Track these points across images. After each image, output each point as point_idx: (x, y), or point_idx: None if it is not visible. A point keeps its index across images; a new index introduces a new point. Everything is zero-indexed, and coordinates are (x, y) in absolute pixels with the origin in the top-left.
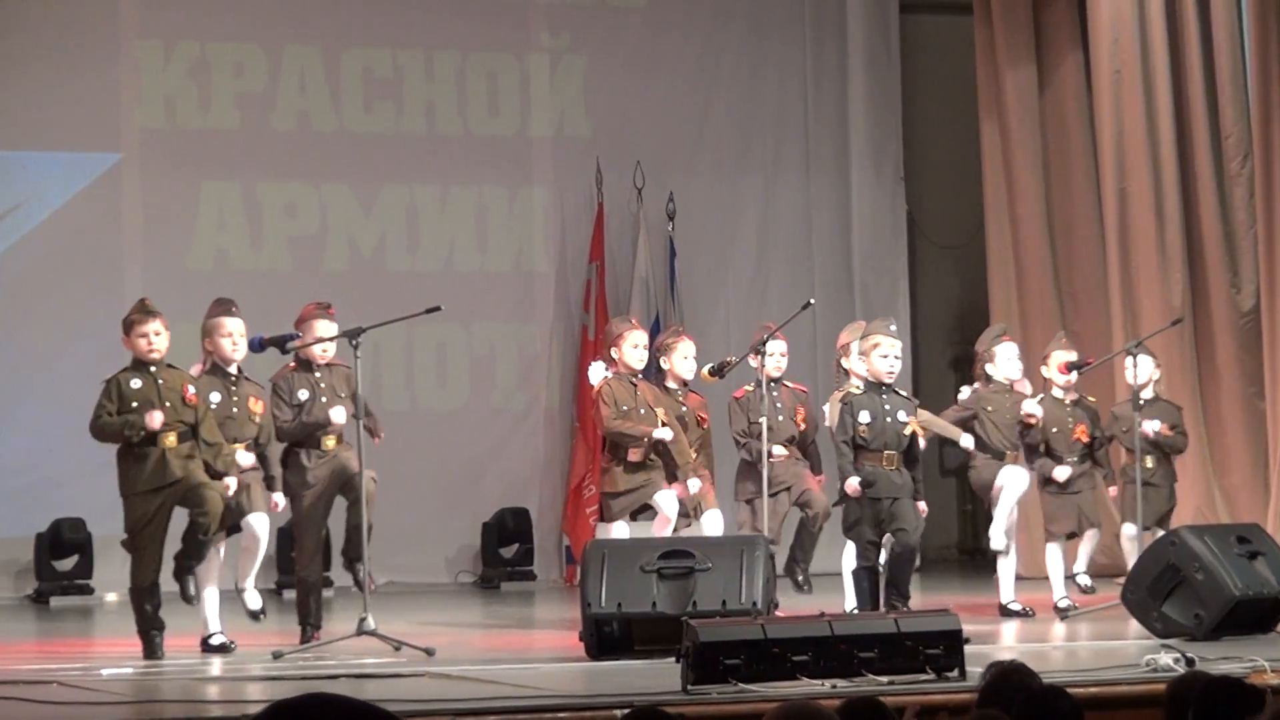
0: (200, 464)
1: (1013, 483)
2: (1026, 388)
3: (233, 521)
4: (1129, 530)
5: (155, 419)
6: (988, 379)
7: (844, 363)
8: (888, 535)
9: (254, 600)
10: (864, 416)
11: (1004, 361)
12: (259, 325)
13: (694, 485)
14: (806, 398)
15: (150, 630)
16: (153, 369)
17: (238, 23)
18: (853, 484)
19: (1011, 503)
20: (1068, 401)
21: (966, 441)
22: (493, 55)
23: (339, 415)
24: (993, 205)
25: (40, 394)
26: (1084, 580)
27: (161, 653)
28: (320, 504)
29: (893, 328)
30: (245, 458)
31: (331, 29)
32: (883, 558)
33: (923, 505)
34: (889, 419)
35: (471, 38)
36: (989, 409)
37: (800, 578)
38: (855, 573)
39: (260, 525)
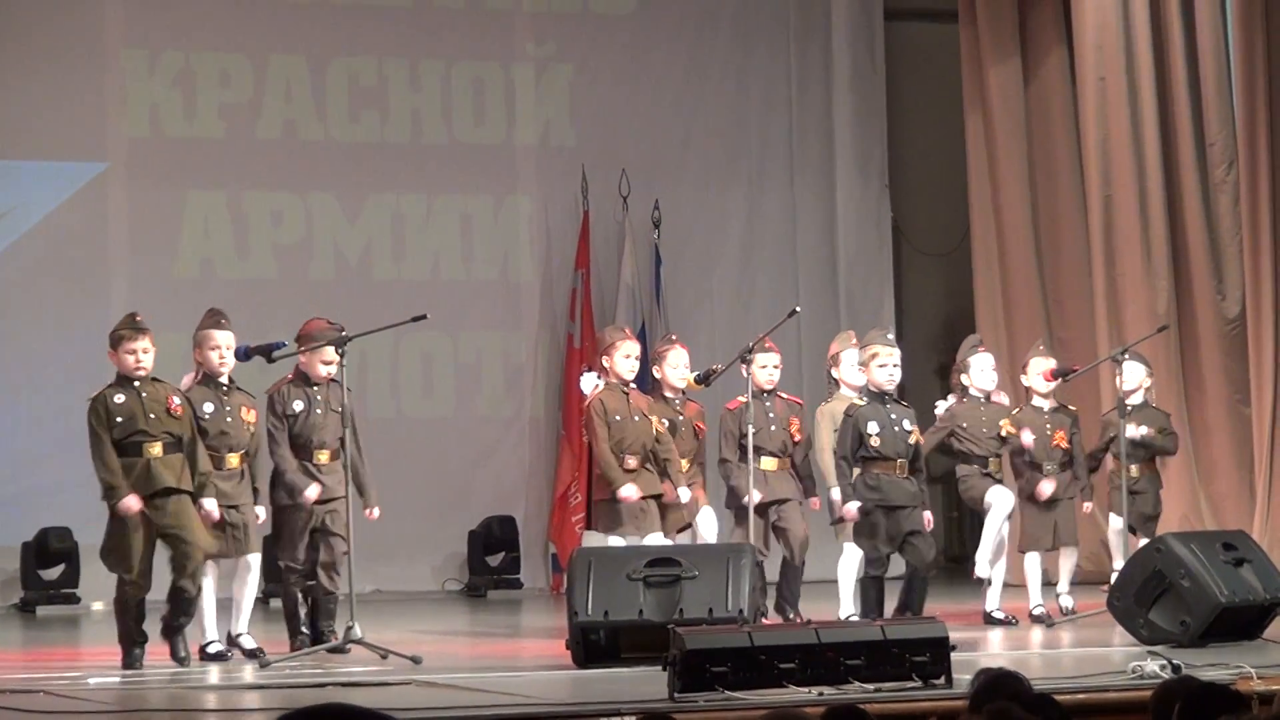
0: (188, 480)
1: (999, 504)
2: (1004, 399)
3: (225, 555)
4: (1115, 523)
5: (131, 505)
6: (964, 389)
7: (834, 373)
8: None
9: (249, 641)
10: (873, 427)
11: (978, 373)
12: (245, 334)
13: (684, 494)
14: (802, 410)
15: (133, 645)
16: (137, 384)
17: (223, 32)
18: (851, 510)
19: (997, 526)
20: (1046, 409)
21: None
22: (478, 64)
23: (312, 491)
24: (978, 212)
25: (26, 403)
26: (1066, 601)
27: (140, 664)
28: (307, 522)
29: (890, 337)
30: (212, 504)
31: (317, 38)
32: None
33: (928, 515)
34: (896, 428)
35: (457, 47)
36: (964, 425)
37: (791, 616)
38: (863, 582)
39: (257, 565)
